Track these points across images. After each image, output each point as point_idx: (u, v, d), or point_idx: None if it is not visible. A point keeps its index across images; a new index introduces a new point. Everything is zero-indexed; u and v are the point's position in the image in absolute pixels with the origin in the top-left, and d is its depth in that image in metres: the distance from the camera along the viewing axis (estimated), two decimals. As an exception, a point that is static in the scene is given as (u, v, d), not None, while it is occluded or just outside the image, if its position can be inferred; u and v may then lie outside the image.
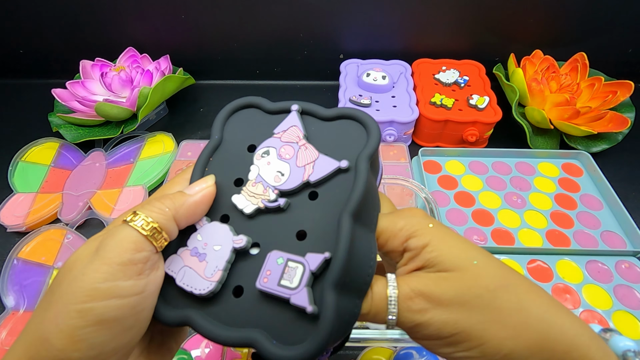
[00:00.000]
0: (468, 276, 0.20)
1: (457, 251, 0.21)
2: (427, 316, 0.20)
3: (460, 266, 0.20)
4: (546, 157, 0.56)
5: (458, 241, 0.21)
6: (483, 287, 0.19)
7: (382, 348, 0.38)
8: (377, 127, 0.23)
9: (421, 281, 0.20)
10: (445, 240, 0.21)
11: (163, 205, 0.20)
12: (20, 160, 0.55)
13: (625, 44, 0.65)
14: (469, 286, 0.20)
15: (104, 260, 0.18)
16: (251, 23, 0.64)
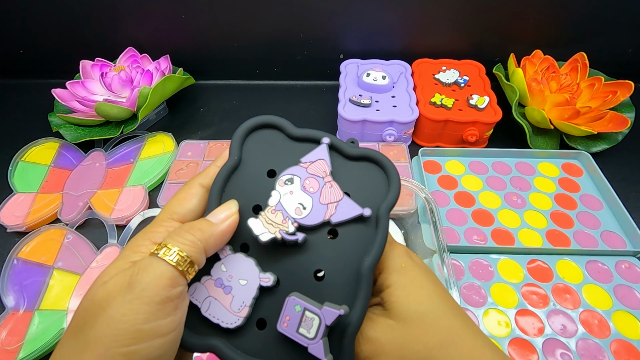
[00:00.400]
0: (411, 331, 0.20)
1: (412, 302, 0.21)
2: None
3: (407, 319, 0.21)
4: (546, 157, 0.56)
5: (421, 289, 0.22)
6: (422, 344, 0.20)
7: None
8: (398, 177, 0.23)
9: (374, 326, 0.21)
10: (406, 287, 0.22)
11: (194, 237, 0.20)
12: (20, 160, 0.55)
13: (625, 44, 0.65)
14: (409, 341, 0.20)
15: (143, 299, 0.18)
16: (251, 23, 0.64)
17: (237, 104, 0.68)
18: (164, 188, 0.51)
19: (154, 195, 0.51)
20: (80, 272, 0.43)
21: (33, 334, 0.39)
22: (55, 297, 0.41)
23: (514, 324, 0.40)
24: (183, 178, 0.53)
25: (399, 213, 0.48)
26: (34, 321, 0.40)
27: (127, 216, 0.49)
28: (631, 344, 0.38)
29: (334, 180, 0.23)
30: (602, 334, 0.39)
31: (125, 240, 0.46)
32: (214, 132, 0.62)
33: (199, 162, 0.55)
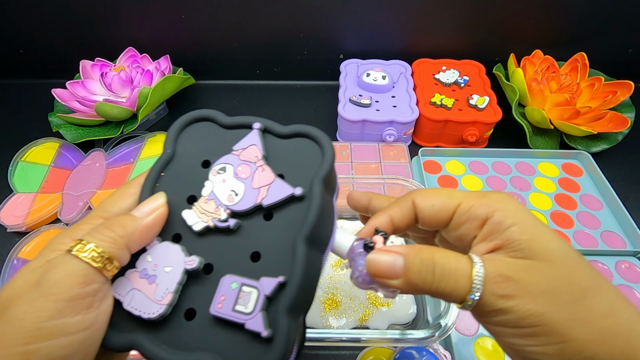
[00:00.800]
0: (561, 269, 0.18)
1: (549, 241, 0.19)
2: (511, 303, 0.18)
3: (552, 258, 0.19)
4: (546, 157, 0.56)
5: (550, 232, 0.20)
6: (575, 284, 0.18)
7: (382, 348, 0.38)
8: (331, 147, 0.23)
9: (509, 266, 0.19)
10: (537, 226, 0.19)
11: (114, 234, 0.19)
12: (20, 160, 0.55)
13: (625, 44, 0.65)
14: (562, 280, 0.18)
15: (49, 296, 0.17)
16: (251, 23, 0.64)
17: (237, 104, 0.68)
18: (164, 188, 0.51)
19: (154, 195, 0.51)
20: (80, 272, 0.43)
21: (33, 334, 0.39)
22: (55, 297, 0.41)
23: (514, 324, 0.40)
24: (183, 178, 0.53)
25: (399, 213, 0.48)
26: (34, 321, 0.39)
27: (127, 216, 0.49)
28: (631, 344, 0.38)
29: (267, 164, 0.23)
30: (602, 334, 0.39)
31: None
32: (214, 132, 0.62)
33: (199, 162, 0.55)
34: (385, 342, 0.36)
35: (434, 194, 0.23)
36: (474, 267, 0.19)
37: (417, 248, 0.20)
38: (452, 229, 0.22)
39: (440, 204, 0.22)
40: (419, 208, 0.23)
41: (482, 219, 0.21)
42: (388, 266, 0.20)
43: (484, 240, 0.21)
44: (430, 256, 0.20)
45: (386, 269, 0.20)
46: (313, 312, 0.40)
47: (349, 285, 0.42)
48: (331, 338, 0.33)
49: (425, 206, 0.23)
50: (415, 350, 0.37)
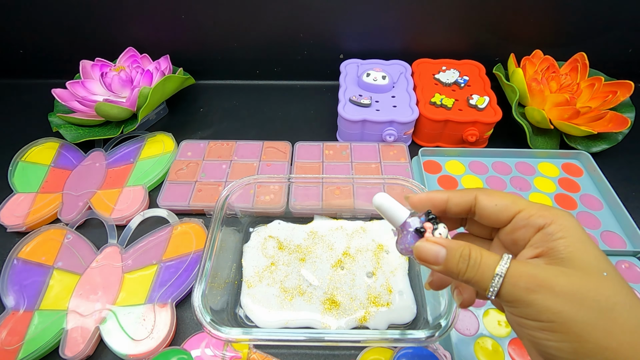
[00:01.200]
0: (591, 281, 0.20)
1: (591, 256, 0.20)
2: (532, 297, 0.20)
3: (587, 270, 0.20)
4: (546, 157, 0.56)
5: (596, 250, 0.21)
6: (604, 296, 0.19)
7: (382, 348, 0.38)
8: None
9: (540, 268, 0.21)
10: (584, 243, 0.21)
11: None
12: (20, 160, 0.55)
13: (625, 44, 0.65)
14: (589, 289, 0.19)
15: None
16: (251, 23, 0.64)
17: (237, 104, 0.68)
18: (164, 188, 0.51)
19: (154, 195, 0.51)
20: (80, 272, 0.43)
21: (33, 334, 0.39)
22: (55, 297, 0.41)
23: (514, 324, 0.40)
24: (183, 178, 0.53)
25: (399, 213, 0.48)
26: (34, 321, 0.40)
27: (127, 216, 0.49)
28: (631, 344, 0.38)
29: None
30: (602, 334, 0.39)
31: (125, 240, 0.46)
32: (214, 132, 0.62)
33: (199, 162, 0.55)
34: (385, 342, 0.36)
35: (498, 195, 0.25)
36: (499, 263, 0.21)
37: (457, 243, 0.23)
38: (508, 231, 0.24)
39: (503, 206, 0.24)
40: (481, 204, 0.25)
41: (538, 228, 0.22)
42: (432, 255, 0.24)
43: (532, 247, 0.23)
44: (467, 251, 0.23)
45: (431, 257, 0.24)
46: (313, 311, 0.40)
47: (349, 285, 0.42)
48: (331, 338, 0.33)
49: (488, 204, 0.25)
50: (415, 350, 0.37)
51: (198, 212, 0.50)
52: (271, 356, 0.38)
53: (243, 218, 0.48)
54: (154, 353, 0.37)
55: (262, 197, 0.49)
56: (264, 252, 0.45)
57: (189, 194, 0.50)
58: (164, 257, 0.44)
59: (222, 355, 0.37)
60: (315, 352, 0.39)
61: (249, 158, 0.55)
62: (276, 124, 0.64)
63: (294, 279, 0.42)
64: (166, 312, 0.40)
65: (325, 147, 0.57)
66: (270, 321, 0.39)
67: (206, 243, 0.38)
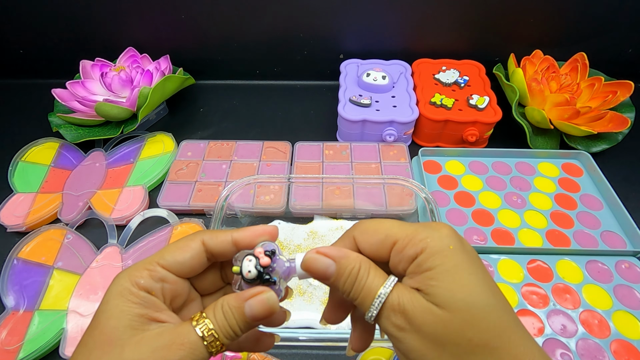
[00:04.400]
0: (456, 322, 0.19)
1: (458, 290, 0.19)
2: (401, 334, 0.20)
3: (453, 308, 0.19)
4: (546, 157, 0.56)
5: (470, 276, 0.20)
6: (466, 339, 0.18)
7: (382, 348, 0.38)
8: None
9: (414, 302, 0.20)
10: (452, 272, 0.20)
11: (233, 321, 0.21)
12: (20, 160, 0.55)
13: (625, 44, 0.65)
14: (450, 332, 0.19)
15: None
16: (251, 23, 0.64)
17: (237, 104, 0.68)
18: (164, 188, 0.51)
19: (154, 195, 0.51)
20: (80, 272, 0.43)
21: (33, 334, 0.39)
22: (55, 297, 0.41)
23: (514, 324, 0.40)
24: (183, 178, 0.53)
25: (399, 213, 0.48)
26: (34, 321, 0.40)
27: (127, 216, 0.49)
28: (631, 344, 0.38)
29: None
30: (602, 334, 0.39)
31: (125, 240, 0.46)
32: (214, 132, 0.62)
33: (199, 162, 0.55)
34: (385, 342, 0.36)
35: (372, 232, 0.23)
36: (379, 290, 0.21)
37: (350, 257, 0.22)
38: (392, 266, 0.22)
39: (377, 244, 0.22)
40: (361, 247, 0.23)
41: (412, 259, 0.21)
42: (323, 269, 0.22)
43: (409, 278, 0.21)
44: (356, 270, 0.21)
45: (321, 270, 0.22)
46: (313, 312, 0.40)
47: (349, 285, 0.42)
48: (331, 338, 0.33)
49: (366, 245, 0.23)
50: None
51: (198, 212, 0.50)
52: (271, 356, 0.38)
53: (243, 218, 0.48)
54: (154, 353, 0.37)
55: (262, 197, 0.49)
56: (264, 252, 0.45)
57: (189, 194, 0.50)
58: (164, 257, 0.44)
59: (222, 355, 0.37)
60: (315, 352, 0.39)
61: (249, 158, 0.55)
62: (276, 124, 0.64)
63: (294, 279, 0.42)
64: (166, 312, 0.40)
65: (325, 147, 0.57)
66: (270, 321, 0.39)
67: (206, 243, 0.38)
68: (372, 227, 0.23)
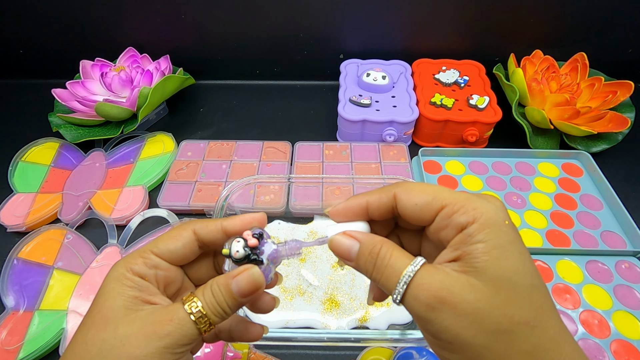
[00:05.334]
0: (499, 298, 0.18)
1: (509, 267, 0.19)
2: (432, 315, 0.19)
3: (498, 284, 0.18)
4: (546, 157, 0.56)
5: (519, 255, 0.19)
6: (507, 317, 0.18)
7: (382, 348, 0.38)
8: None
9: (449, 279, 0.19)
10: (504, 249, 0.19)
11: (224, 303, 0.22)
12: (20, 160, 0.55)
13: (625, 44, 0.65)
14: (492, 308, 0.18)
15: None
16: (251, 23, 0.64)
17: (237, 104, 0.68)
18: (164, 188, 0.51)
19: (154, 195, 0.51)
20: (80, 272, 0.43)
21: (33, 334, 0.39)
22: (55, 297, 0.41)
23: (514, 324, 0.40)
24: (183, 178, 0.53)
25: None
26: (34, 321, 0.40)
27: (127, 216, 0.49)
28: (631, 344, 0.38)
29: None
30: (602, 334, 0.39)
31: (125, 240, 0.46)
32: (214, 132, 0.62)
33: (199, 162, 0.55)
34: (385, 342, 0.36)
35: (418, 192, 0.22)
36: (407, 267, 0.20)
37: (372, 239, 0.22)
38: (432, 231, 0.22)
39: (423, 204, 0.21)
40: (401, 204, 0.22)
41: (461, 227, 0.20)
42: (346, 249, 0.23)
43: (451, 248, 0.20)
44: (377, 248, 0.22)
45: (345, 251, 0.23)
46: (313, 312, 0.40)
47: (349, 285, 0.42)
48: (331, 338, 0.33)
49: (408, 204, 0.22)
50: (415, 350, 0.37)
51: (198, 212, 0.50)
52: (271, 356, 0.38)
53: (243, 218, 0.48)
54: (154, 353, 0.37)
55: (262, 197, 0.49)
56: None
57: (189, 194, 0.50)
58: (164, 257, 0.44)
59: (222, 355, 0.37)
60: (315, 352, 0.39)
61: (249, 158, 0.55)
62: (276, 124, 0.64)
63: (294, 279, 0.42)
64: (166, 312, 0.40)
65: (325, 147, 0.57)
66: (270, 321, 0.39)
67: (206, 243, 0.38)
68: (418, 188, 0.22)
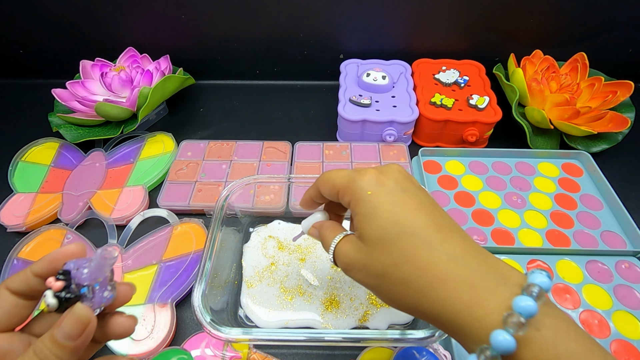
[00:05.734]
0: (375, 252, 0.25)
1: (374, 228, 0.25)
2: (349, 274, 0.27)
3: (370, 243, 0.25)
4: (546, 157, 0.56)
5: (383, 214, 0.25)
6: (381, 263, 0.24)
7: (382, 348, 0.38)
8: None
9: (351, 246, 0.27)
10: (369, 215, 0.25)
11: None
12: (20, 160, 0.55)
13: (625, 44, 0.65)
14: (372, 260, 0.25)
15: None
16: (251, 23, 0.64)
17: (237, 104, 0.68)
18: (164, 188, 0.51)
19: (154, 195, 0.51)
20: (80, 272, 0.43)
21: (33, 334, 0.39)
22: (55, 297, 0.41)
23: (514, 324, 0.40)
24: (183, 178, 0.53)
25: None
26: (34, 321, 0.40)
27: (127, 216, 0.49)
28: (631, 344, 0.38)
29: None
30: (602, 334, 0.39)
31: (125, 240, 0.46)
32: (214, 132, 0.62)
33: (199, 162, 0.55)
34: (385, 342, 0.36)
35: (325, 182, 0.29)
36: (331, 244, 0.28)
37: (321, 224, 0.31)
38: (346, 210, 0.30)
39: (328, 192, 0.29)
40: (323, 195, 0.30)
41: (348, 205, 0.27)
42: (315, 235, 0.31)
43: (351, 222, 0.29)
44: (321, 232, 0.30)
45: (315, 237, 0.31)
46: (313, 311, 0.40)
47: (349, 285, 0.42)
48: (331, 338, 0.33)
49: (323, 193, 0.29)
50: (415, 350, 0.37)
51: (198, 212, 0.50)
52: (271, 356, 0.38)
53: (243, 218, 0.48)
54: (154, 353, 0.37)
55: (262, 197, 0.49)
56: (264, 252, 0.45)
57: (189, 194, 0.50)
58: (164, 257, 0.44)
59: (222, 355, 0.37)
60: (315, 352, 0.39)
61: (249, 158, 0.55)
62: (276, 124, 0.64)
63: (294, 279, 0.42)
64: (166, 312, 0.40)
65: (325, 147, 0.57)
66: (271, 321, 0.39)
67: (206, 243, 0.38)
68: (325, 177, 0.29)
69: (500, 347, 0.19)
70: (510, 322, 0.19)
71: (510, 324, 0.19)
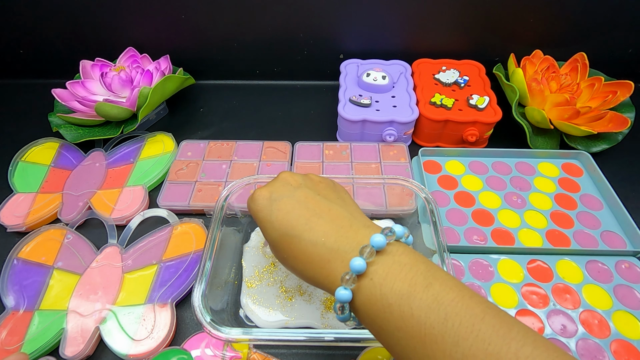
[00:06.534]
0: (274, 252, 0.32)
1: (267, 237, 0.32)
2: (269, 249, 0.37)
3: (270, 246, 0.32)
4: (546, 157, 0.56)
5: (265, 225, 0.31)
6: (279, 258, 0.32)
7: (382, 348, 0.37)
8: None
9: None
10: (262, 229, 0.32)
11: None
12: (20, 160, 0.55)
13: (625, 44, 0.65)
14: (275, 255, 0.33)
15: None
16: (251, 23, 0.64)
17: (237, 104, 0.68)
18: (164, 188, 0.51)
19: (154, 195, 0.51)
20: (80, 272, 0.43)
21: (33, 334, 0.39)
22: (55, 297, 0.41)
23: (514, 324, 0.40)
24: (183, 178, 0.53)
25: (399, 213, 0.48)
26: (34, 321, 0.40)
27: (127, 216, 0.49)
28: (631, 344, 0.38)
29: None
30: (602, 334, 0.39)
31: (125, 240, 0.46)
32: (214, 132, 0.62)
33: (199, 162, 0.55)
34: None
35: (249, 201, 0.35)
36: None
37: None
38: None
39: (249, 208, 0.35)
40: None
41: None
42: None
43: None
44: None
45: None
46: (313, 311, 0.40)
47: (349, 285, 0.42)
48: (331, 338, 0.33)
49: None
50: (415, 350, 0.37)
51: (198, 212, 0.50)
52: (271, 356, 0.38)
53: (243, 218, 0.48)
54: (154, 353, 0.37)
55: (262, 197, 0.49)
56: (264, 252, 0.45)
57: (189, 194, 0.50)
58: (164, 257, 0.44)
59: (222, 355, 0.37)
60: (315, 352, 0.39)
61: (249, 158, 0.55)
62: (276, 124, 0.64)
63: (294, 278, 0.42)
64: (166, 312, 0.40)
65: (325, 147, 0.57)
66: (271, 321, 0.39)
67: (206, 243, 0.38)
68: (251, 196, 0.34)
69: (341, 299, 0.26)
70: (345, 279, 0.26)
71: (345, 281, 0.26)
